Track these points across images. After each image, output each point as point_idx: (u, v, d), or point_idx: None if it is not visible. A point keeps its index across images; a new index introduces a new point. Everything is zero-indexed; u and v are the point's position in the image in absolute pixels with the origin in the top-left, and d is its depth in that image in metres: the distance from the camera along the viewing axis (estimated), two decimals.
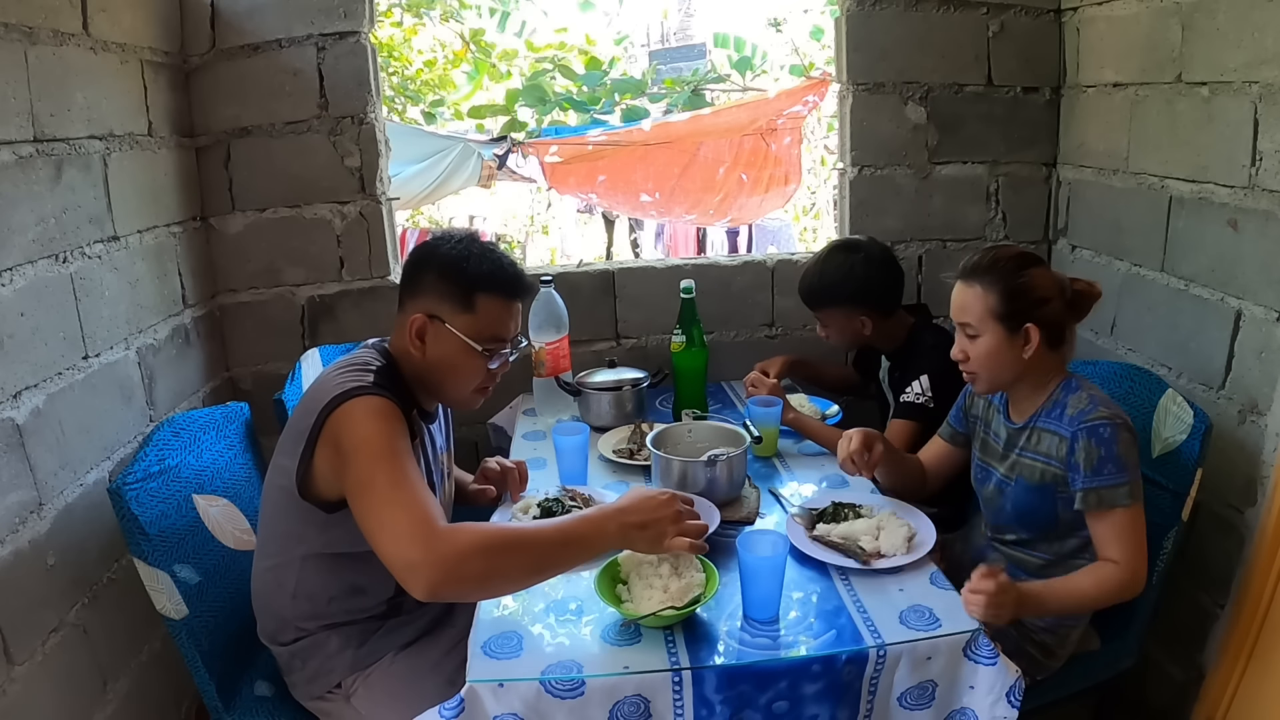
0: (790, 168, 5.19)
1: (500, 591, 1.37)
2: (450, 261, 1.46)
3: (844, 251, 2.10)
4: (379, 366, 1.43)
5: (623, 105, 6.20)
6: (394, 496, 1.27)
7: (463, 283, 1.45)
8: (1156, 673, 1.96)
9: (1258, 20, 1.70)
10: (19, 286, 1.51)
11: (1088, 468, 1.45)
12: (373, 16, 2.31)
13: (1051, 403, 1.56)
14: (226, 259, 2.34)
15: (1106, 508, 1.44)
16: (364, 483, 1.29)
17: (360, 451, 1.31)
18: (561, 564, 1.32)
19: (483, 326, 1.46)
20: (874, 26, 2.38)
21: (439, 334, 1.46)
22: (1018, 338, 1.52)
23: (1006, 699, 1.26)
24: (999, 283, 1.52)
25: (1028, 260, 1.55)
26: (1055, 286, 1.54)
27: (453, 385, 1.51)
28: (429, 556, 1.22)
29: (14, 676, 1.42)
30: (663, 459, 1.71)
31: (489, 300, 1.46)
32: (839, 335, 2.12)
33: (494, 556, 1.26)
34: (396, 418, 1.36)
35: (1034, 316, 1.51)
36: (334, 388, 1.37)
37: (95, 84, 1.79)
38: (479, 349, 1.46)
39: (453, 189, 5.62)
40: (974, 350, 1.56)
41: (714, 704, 1.25)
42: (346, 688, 1.51)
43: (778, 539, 1.39)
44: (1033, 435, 1.57)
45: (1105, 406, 1.48)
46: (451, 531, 1.25)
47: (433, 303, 1.46)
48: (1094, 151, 2.31)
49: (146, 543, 1.46)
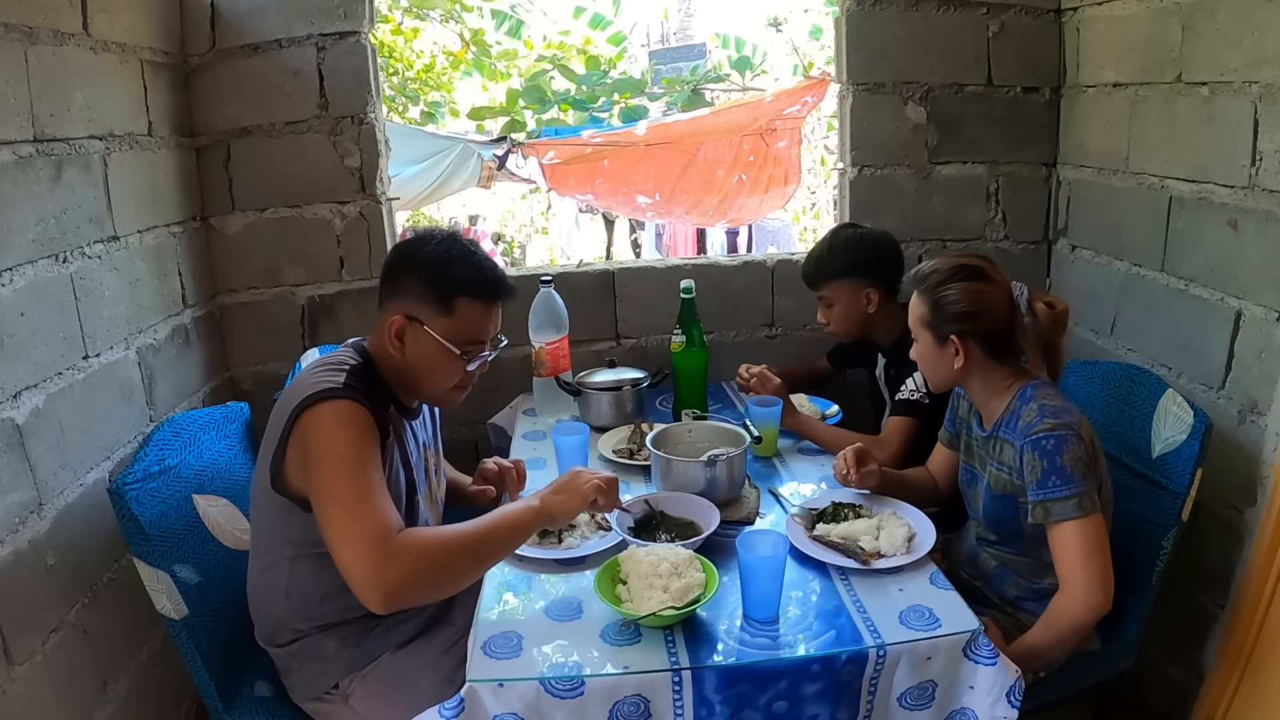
0: (790, 168, 5.19)
1: (451, 591, 1.40)
2: (430, 264, 1.47)
3: (850, 228, 2.15)
4: (353, 366, 1.44)
5: (622, 105, 6.21)
6: (352, 510, 1.28)
7: (442, 286, 1.46)
8: (1156, 673, 1.96)
9: (1258, 20, 1.70)
10: (19, 286, 1.51)
11: (1033, 480, 1.44)
12: (373, 17, 2.31)
13: (1009, 412, 1.55)
14: (226, 259, 2.34)
15: (1055, 520, 1.42)
16: (325, 492, 1.31)
17: (324, 459, 1.32)
18: (503, 552, 1.41)
19: (462, 329, 1.47)
20: (874, 26, 2.38)
21: (418, 336, 1.46)
22: (947, 347, 1.55)
23: (1006, 699, 1.26)
24: (928, 293, 1.57)
25: (966, 272, 1.55)
26: (991, 301, 1.53)
27: (431, 385, 1.52)
28: (382, 573, 1.24)
29: (14, 676, 1.42)
30: (663, 459, 1.71)
31: (468, 304, 1.47)
32: (843, 315, 2.09)
33: (443, 561, 1.30)
34: (364, 423, 1.36)
35: (958, 329, 1.53)
36: (307, 388, 1.38)
37: (95, 84, 1.79)
38: (457, 352, 1.47)
39: (453, 189, 5.63)
40: (915, 353, 1.64)
41: (714, 704, 1.25)
42: (344, 689, 1.51)
43: (778, 539, 1.39)
44: (997, 444, 1.58)
45: (1052, 417, 1.45)
46: (403, 545, 1.27)
47: (412, 304, 1.46)
48: (1094, 151, 2.31)
49: (146, 543, 1.46)
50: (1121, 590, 1.59)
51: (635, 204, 5.59)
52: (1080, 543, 1.40)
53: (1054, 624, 1.44)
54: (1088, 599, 1.40)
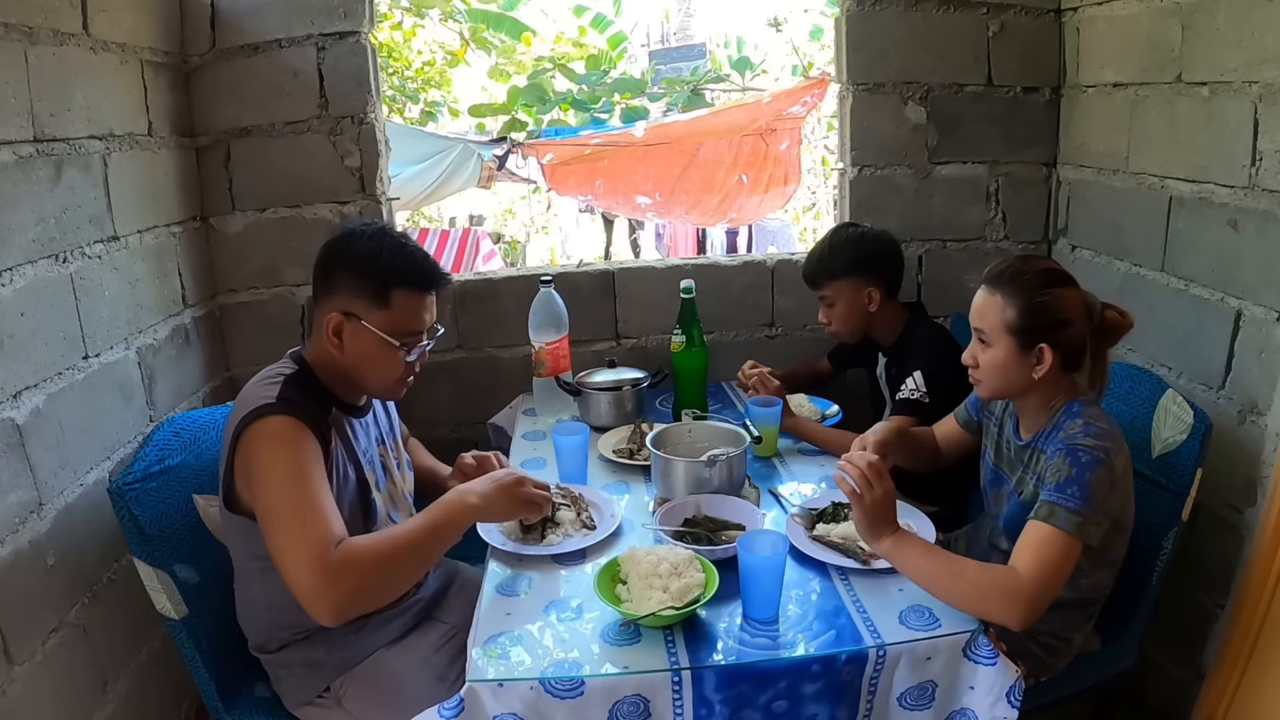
0: (790, 168, 5.20)
1: (398, 593, 1.46)
2: (363, 259, 1.46)
3: (850, 227, 2.15)
4: (289, 376, 1.44)
5: (622, 105, 6.21)
6: (293, 529, 1.29)
7: (376, 280, 1.45)
8: (1156, 673, 1.96)
9: (1258, 20, 1.70)
10: (19, 286, 1.51)
11: (1054, 480, 1.37)
12: (373, 17, 2.31)
13: (1052, 425, 1.50)
14: (226, 259, 2.34)
15: (1052, 524, 1.33)
16: (267, 512, 1.33)
17: (264, 479, 1.34)
18: (439, 551, 1.45)
19: (399, 321, 1.47)
20: (874, 26, 2.38)
21: (356, 331, 1.46)
22: (1030, 355, 1.46)
23: (1006, 699, 1.26)
24: (1019, 296, 1.45)
25: (1055, 278, 1.48)
26: (1080, 310, 1.46)
27: (373, 379, 1.52)
28: (325, 589, 1.26)
29: (14, 676, 1.42)
30: (663, 459, 1.71)
31: (404, 295, 1.47)
32: (844, 314, 2.08)
33: (384, 569, 1.33)
34: (301, 436, 1.37)
35: (1050, 337, 1.44)
36: (246, 404, 1.40)
37: (95, 84, 1.79)
38: (396, 344, 1.47)
39: (453, 189, 5.63)
40: (984, 358, 1.51)
41: (714, 704, 1.25)
42: (336, 691, 1.52)
43: (778, 539, 1.39)
44: (1034, 455, 1.53)
45: (1095, 437, 1.40)
46: (344, 559, 1.28)
47: (347, 300, 1.46)
48: (1094, 151, 2.31)
49: (146, 543, 1.46)
50: (1121, 590, 1.59)
51: (635, 204, 5.60)
52: (1055, 556, 1.31)
53: (988, 574, 1.33)
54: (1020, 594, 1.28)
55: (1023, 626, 1.29)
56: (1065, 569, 1.32)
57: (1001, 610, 1.29)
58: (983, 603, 1.31)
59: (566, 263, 3.60)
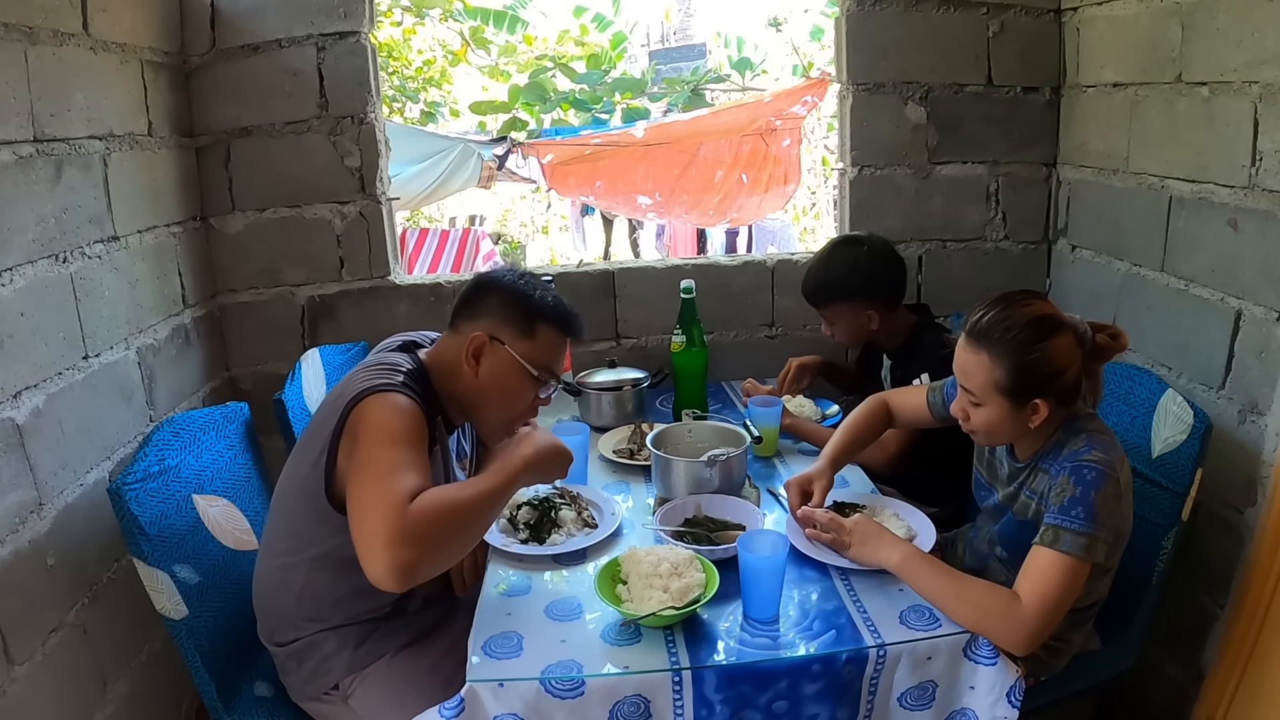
0: (790, 168, 5.20)
1: (458, 557, 1.40)
2: (516, 290, 1.52)
3: (848, 246, 2.10)
4: (409, 370, 1.45)
5: (623, 105, 6.21)
6: (382, 480, 1.23)
7: (527, 310, 1.50)
8: (1156, 673, 1.96)
9: (1258, 20, 1.70)
10: (19, 286, 1.51)
11: (1058, 502, 1.34)
12: (373, 16, 2.31)
13: (1052, 444, 1.46)
14: (226, 259, 2.34)
15: (1059, 549, 1.30)
16: (360, 465, 1.28)
17: (370, 435, 1.31)
18: (499, 511, 1.39)
19: (540, 355, 1.50)
20: (874, 27, 2.38)
21: (497, 354, 1.48)
22: (1024, 410, 1.39)
23: (1007, 699, 1.26)
24: (1008, 357, 1.36)
25: (1043, 328, 1.37)
26: (1072, 353, 1.38)
27: (496, 408, 1.53)
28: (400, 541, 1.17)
29: (14, 676, 1.42)
30: (663, 459, 1.71)
31: (549, 331, 1.51)
32: (846, 332, 2.10)
33: (456, 525, 1.25)
34: (417, 417, 1.36)
35: (1044, 391, 1.37)
36: (360, 383, 1.38)
37: (95, 84, 1.79)
38: (534, 374, 1.49)
39: (453, 189, 5.63)
40: (975, 416, 1.44)
41: (714, 704, 1.25)
42: (344, 689, 1.51)
43: (778, 539, 1.39)
44: (1033, 474, 1.50)
45: (1100, 451, 1.37)
46: (420, 511, 1.21)
47: (495, 324, 1.49)
48: (1094, 151, 2.31)
49: (146, 543, 1.46)
50: (1121, 590, 1.59)
51: (635, 204, 5.60)
52: (1059, 583, 1.29)
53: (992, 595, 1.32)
54: (1022, 622, 1.28)
55: (1025, 653, 1.30)
56: (1070, 594, 1.31)
57: (1003, 636, 1.30)
58: (986, 627, 1.31)
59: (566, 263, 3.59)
